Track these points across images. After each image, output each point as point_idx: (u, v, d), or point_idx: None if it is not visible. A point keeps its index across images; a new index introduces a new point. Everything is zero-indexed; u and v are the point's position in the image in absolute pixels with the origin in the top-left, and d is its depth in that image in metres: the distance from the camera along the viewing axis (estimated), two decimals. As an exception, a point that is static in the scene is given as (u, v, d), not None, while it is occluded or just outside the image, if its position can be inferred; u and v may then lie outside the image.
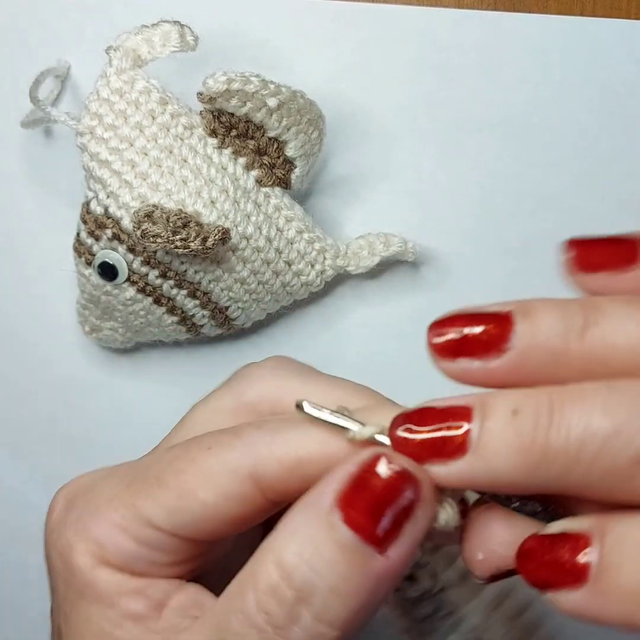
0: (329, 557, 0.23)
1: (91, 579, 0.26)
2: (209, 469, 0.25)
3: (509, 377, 0.24)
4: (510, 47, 0.47)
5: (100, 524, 0.26)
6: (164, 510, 0.25)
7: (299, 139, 0.43)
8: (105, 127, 0.42)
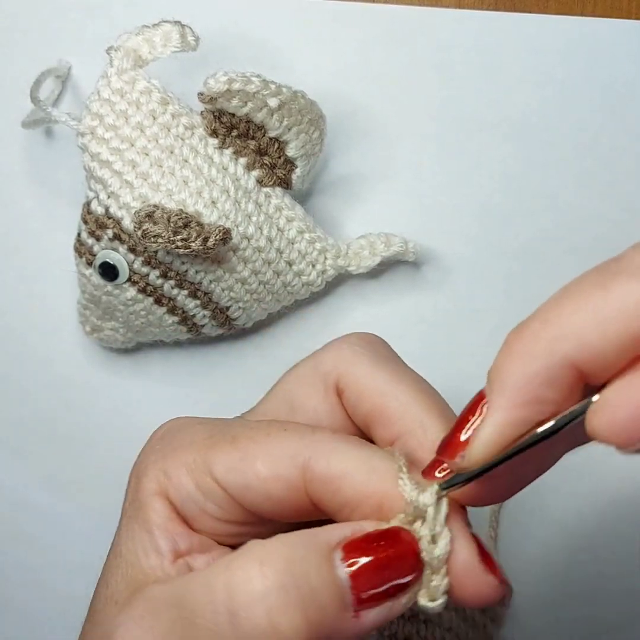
0: (315, 583, 0.24)
1: (146, 503, 0.28)
2: (273, 447, 0.27)
3: None
4: (511, 47, 0.47)
5: (175, 460, 0.28)
6: (225, 466, 0.27)
7: (300, 139, 0.43)
8: (106, 127, 0.42)
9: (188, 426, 0.30)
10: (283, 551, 0.24)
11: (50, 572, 0.49)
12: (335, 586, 0.24)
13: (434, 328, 0.48)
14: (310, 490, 0.26)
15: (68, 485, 0.48)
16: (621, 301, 0.21)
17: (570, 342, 0.22)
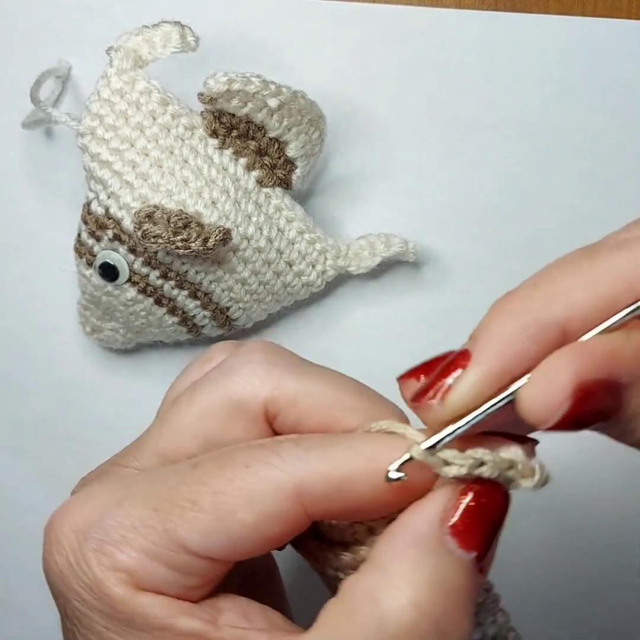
0: (459, 583, 0.24)
1: (136, 608, 0.25)
2: (249, 489, 0.24)
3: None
4: (511, 47, 0.47)
5: (128, 552, 0.25)
6: (199, 534, 0.24)
7: (300, 139, 0.43)
8: (106, 127, 0.42)
9: (111, 508, 0.26)
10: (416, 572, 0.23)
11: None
12: (469, 569, 0.24)
13: (434, 328, 0.48)
14: (314, 510, 0.25)
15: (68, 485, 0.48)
16: (607, 266, 0.23)
17: (560, 303, 0.23)
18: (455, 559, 0.24)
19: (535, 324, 0.23)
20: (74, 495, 0.28)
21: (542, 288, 0.24)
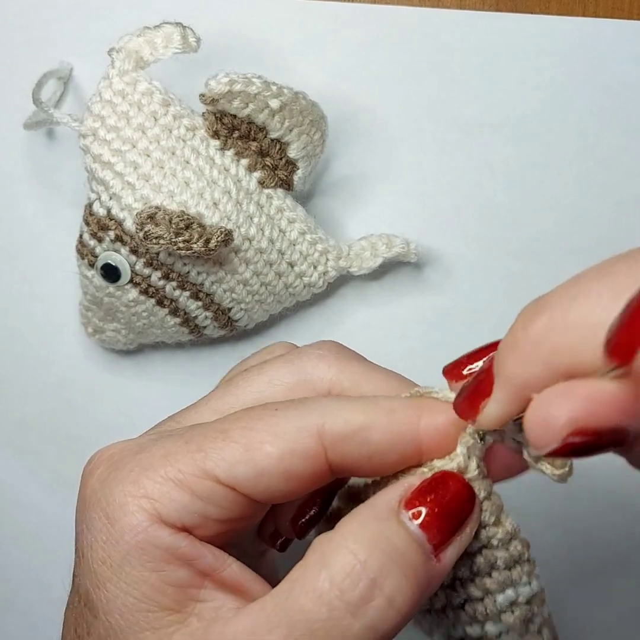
0: (402, 548, 0.25)
1: (140, 540, 0.25)
2: (277, 426, 0.26)
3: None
4: (512, 48, 0.47)
5: (155, 477, 0.26)
6: (227, 462, 0.26)
7: (302, 140, 0.43)
8: (108, 128, 0.42)
9: (146, 444, 0.27)
10: (364, 534, 0.25)
11: (51, 572, 0.49)
12: (416, 542, 0.25)
13: (436, 329, 0.48)
14: (333, 453, 0.26)
15: (70, 485, 0.48)
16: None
17: (567, 358, 0.22)
18: (404, 529, 0.25)
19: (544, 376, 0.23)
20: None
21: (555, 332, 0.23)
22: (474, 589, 0.28)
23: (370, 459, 0.26)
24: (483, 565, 0.28)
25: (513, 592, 0.28)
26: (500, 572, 0.28)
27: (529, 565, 0.28)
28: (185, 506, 0.26)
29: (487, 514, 0.27)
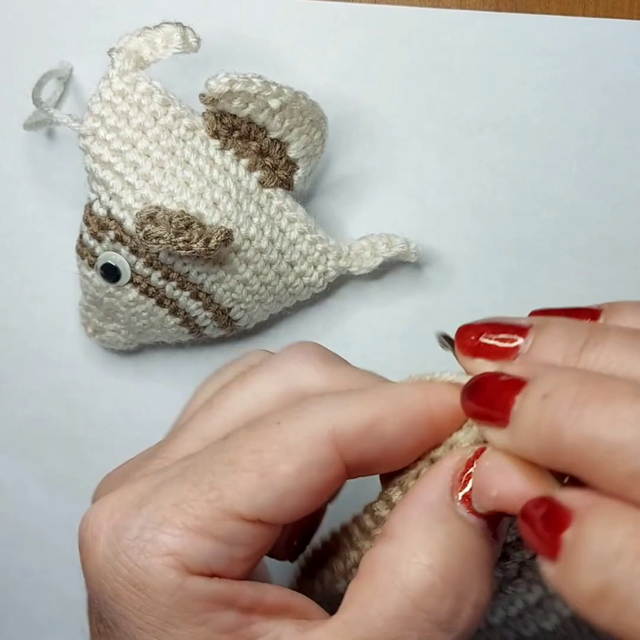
0: (473, 547, 0.24)
1: (180, 598, 0.24)
2: (286, 441, 0.24)
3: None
4: (512, 48, 0.47)
5: (173, 532, 0.24)
6: (244, 495, 0.24)
7: (302, 140, 0.43)
8: (108, 128, 0.42)
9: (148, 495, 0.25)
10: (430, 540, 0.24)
11: (52, 573, 0.49)
12: (480, 534, 0.25)
13: (436, 328, 0.47)
14: (350, 453, 0.25)
15: (70, 486, 0.48)
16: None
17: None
18: (467, 524, 0.24)
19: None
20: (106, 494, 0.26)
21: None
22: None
23: (387, 451, 0.25)
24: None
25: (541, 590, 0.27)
26: None
27: None
28: (211, 553, 0.24)
29: None
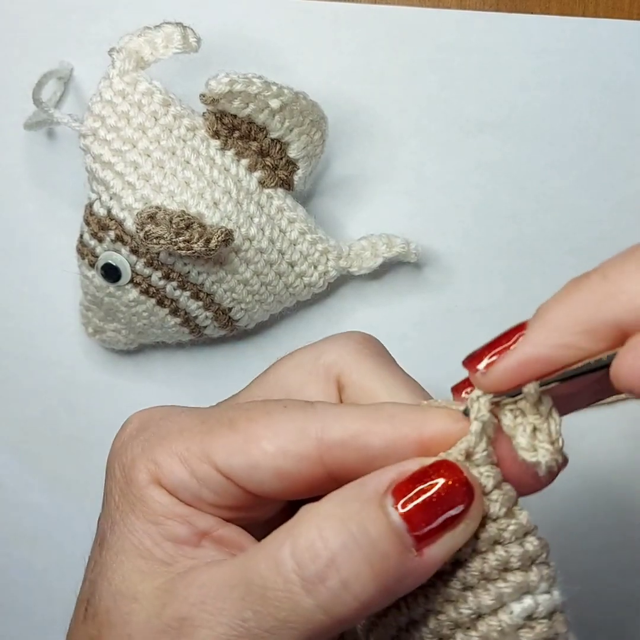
0: (374, 534, 0.24)
1: (144, 494, 0.27)
2: (279, 423, 0.27)
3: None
4: (512, 48, 0.47)
5: (165, 448, 0.27)
6: (225, 451, 0.27)
7: (302, 140, 0.43)
8: (108, 128, 0.42)
9: (172, 414, 0.29)
10: (337, 512, 0.25)
11: (52, 573, 0.49)
12: (393, 532, 0.24)
13: (436, 328, 0.48)
14: (330, 458, 0.26)
15: (70, 486, 0.48)
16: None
17: (622, 304, 0.22)
18: (384, 514, 0.24)
19: (592, 321, 0.23)
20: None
21: (609, 281, 0.23)
22: (486, 596, 0.25)
23: (369, 464, 0.26)
24: (495, 564, 0.25)
25: (532, 601, 0.25)
26: (515, 573, 0.25)
27: (549, 569, 0.25)
28: (182, 482, 0.27)
29: (498, 504, 0.25)
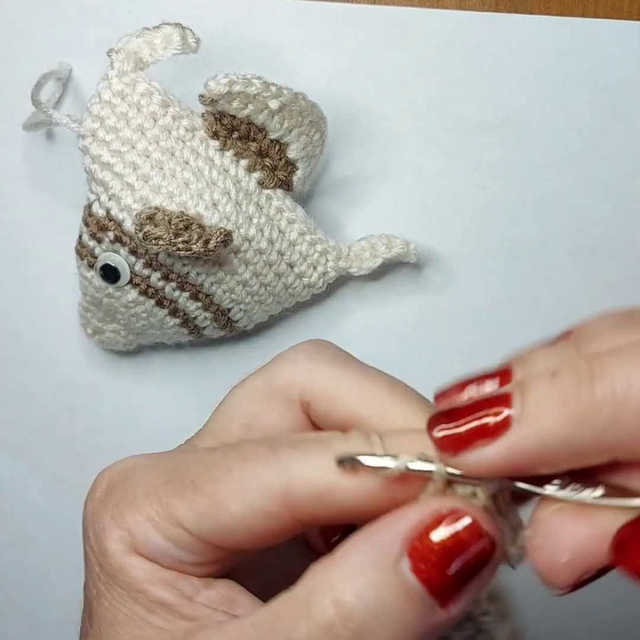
0: (393, 604, 0.23)
1: (121, 565, 0.26)
2: (241, 482, 0.25)
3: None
4: (512, 49, 0.47)
5: (135, 514, 0.26)
6: (194, 515, 0.26)
7: (301, 141, 0.43)
8: (107, 129, 0.42)
9: (137, 471, 0.27)
10: (352, 583, 0.23)
11: (52, 574, 0.49)
12: (413, 599, 0.23)
13: (436, 329, 0.48)
14: (300, 514, 0.25)
15: (69, 486, 0.48)
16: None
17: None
18: (401, 582, 0.23)
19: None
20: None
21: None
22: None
23: (342, 517, 0.25)
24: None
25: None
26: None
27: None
28: (159, 547, 0.26)
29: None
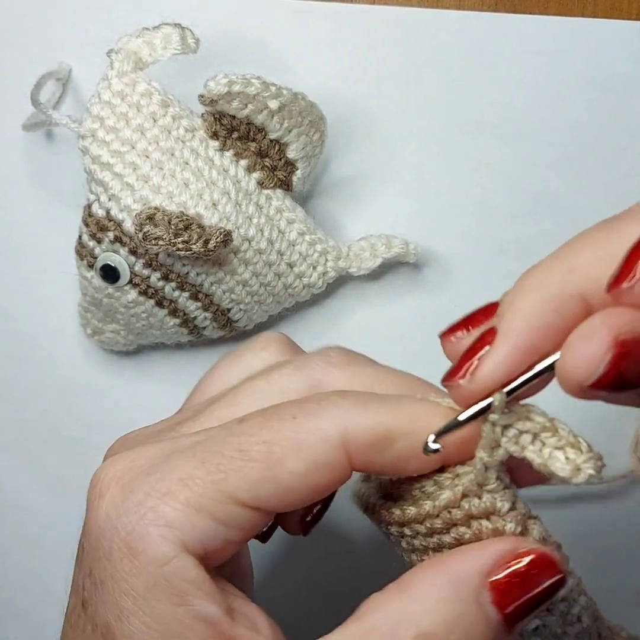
0: (477, 635, 0.24)
1: (165, 572, 0.24)
2: (297, 438, 0.25)
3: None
4: (511, 48, 0.47)
5: (175, 505, 0.24)
6: (248, 484, 0.24)
7: (301, 141, 0.43)
8: (107, 129, 0.42)
9: (158, 464, 0.25)
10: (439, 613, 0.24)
11: (51, 574, 0.49)
12: (494, 630, 0.24)
13: (436, 329, 0.47)
14: (358, 459, 0.25)
15: (70, 486, 0.48)
16: (624, 239, 0.23)
17: (580, 275, 0.23)
18: (483, 613, 0.24)
19: (557, 297, 0.23)
20: (121, 452, 0.27)
21: (563, 259, 0.24)
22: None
23: (392, 464, 0.26)
24: None
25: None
26: None
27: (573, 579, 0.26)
28: (208, 533, 0.24)
29: (513, 525, 0.25)
